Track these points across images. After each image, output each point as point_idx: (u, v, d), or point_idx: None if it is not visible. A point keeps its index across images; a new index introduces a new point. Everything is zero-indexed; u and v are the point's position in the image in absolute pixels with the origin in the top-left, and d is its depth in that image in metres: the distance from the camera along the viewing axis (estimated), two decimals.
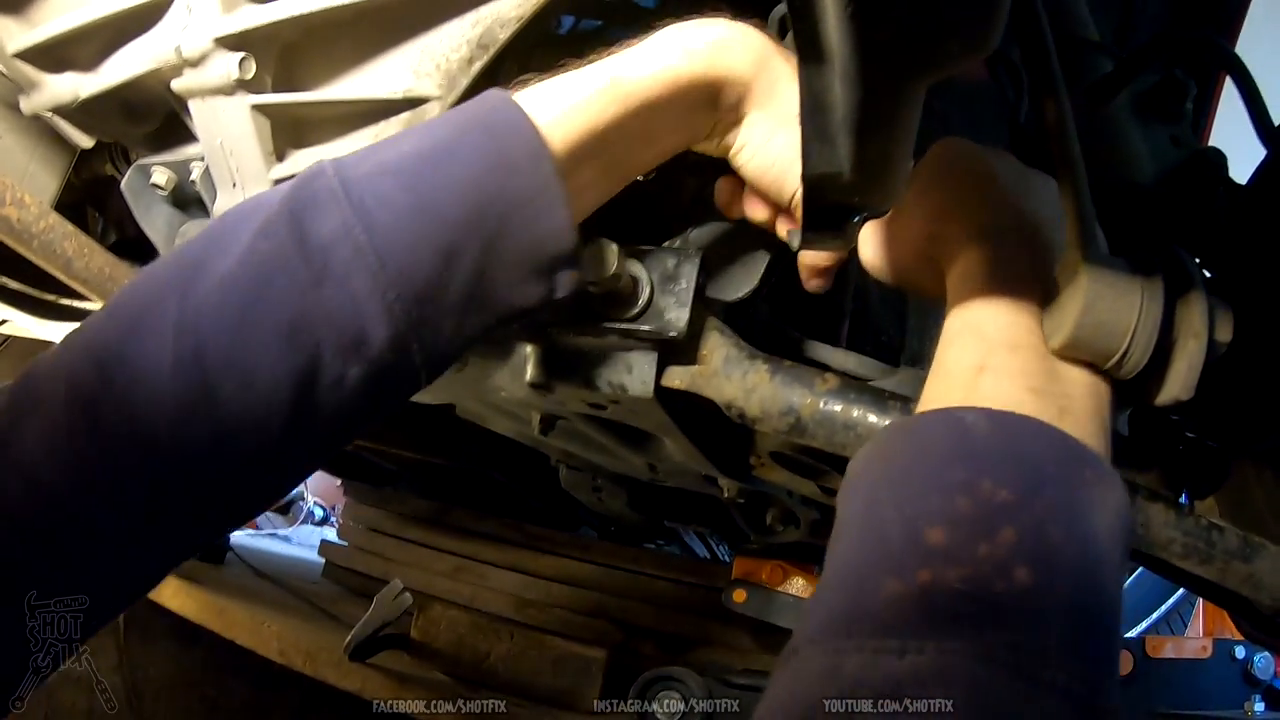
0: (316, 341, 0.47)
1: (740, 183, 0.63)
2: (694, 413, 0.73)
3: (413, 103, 0.66)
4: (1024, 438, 0.41)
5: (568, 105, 0.53)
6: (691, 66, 0.55)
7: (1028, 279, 0.48)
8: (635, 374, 0.66)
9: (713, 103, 0.57)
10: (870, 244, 0.58)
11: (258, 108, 0.66)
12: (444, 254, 0.49)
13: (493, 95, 0.53)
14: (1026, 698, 0.34)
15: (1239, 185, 0.78)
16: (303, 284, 0.47)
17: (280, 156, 0.68)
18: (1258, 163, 0.76)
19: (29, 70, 0.76)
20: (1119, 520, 0.40)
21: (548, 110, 0.52)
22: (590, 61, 0.55)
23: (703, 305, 0.66)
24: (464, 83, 0.64)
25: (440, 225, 0.49)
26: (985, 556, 0.36)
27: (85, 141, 0.84)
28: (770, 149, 0.58)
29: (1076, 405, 0.44)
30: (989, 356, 0.45)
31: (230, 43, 0.65)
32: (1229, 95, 0.92)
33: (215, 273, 0.47)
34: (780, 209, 0.62)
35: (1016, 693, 0.34)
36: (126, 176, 0.79)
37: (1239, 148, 0.80)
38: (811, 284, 0.66)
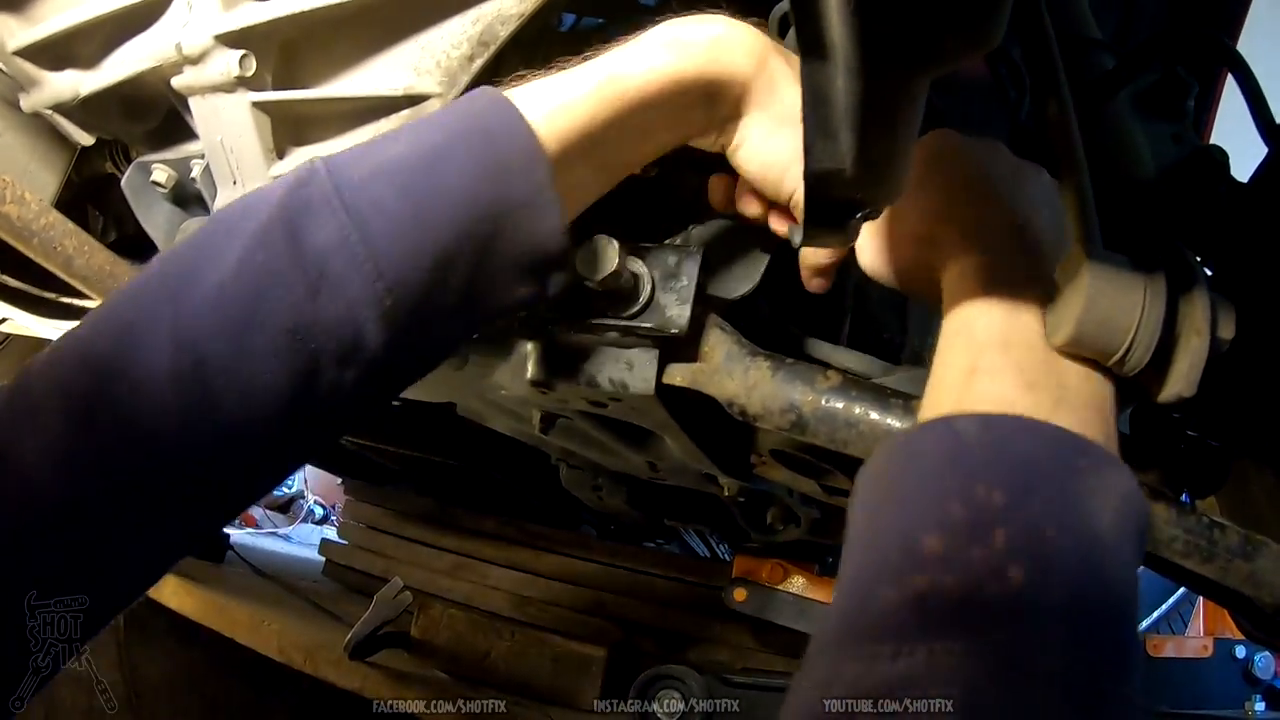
0: (314, 349, 0.47)
1: (734, 179, 0.63)
2: (695, 411, 0.73)
3: (413, 100, 0.66)
4: (1015, 437, 0.41)
5: (562, 103, 0.52)
6: (688, 64, 0.55)
7: (1020, 277, 0.48)
8: (636, 371, 0.66)
9: (709, 100, 0.57)
10: (868, 249, 0.58)
11: (258, 105, 0.66)
12: (440, 260, 0.49)
13: (487, 94, 0.53)
14: (1021, 690, 0.34)
15: (1241, 183, 0.78)
16: (300, 294, 0.47)
17: (281, 154, 0.68)
18: (1259, 160, 0.76)
19: (29, 68, 0.76)
20: (1124, 504, 0.40)
21: (542, 109, 0.52)
22: (587, 58, 0.55)
23: (704, 302, 0.66)
24: (464, 80, 0.64)
25: (436, 231, 0.48)
26: (979, 560, 0.36)
27: (85, 139, 0.84)
28: (769, 148, 0.58)
29: (1073, 395, 0.44)
30: (980, 357, 0.45)
31: (230, 40, 0.65)
32: (1231, 93, 0.92)
33: (210, 281, 0.47)
34: (776, 206, 0.62)
35: (1011, 686, 0.34)
36: (127, 174, 0.79)
37: (1241, 145, 0.80)
38: (813, 284, 0.66)
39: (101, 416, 0.45)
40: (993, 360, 0.45)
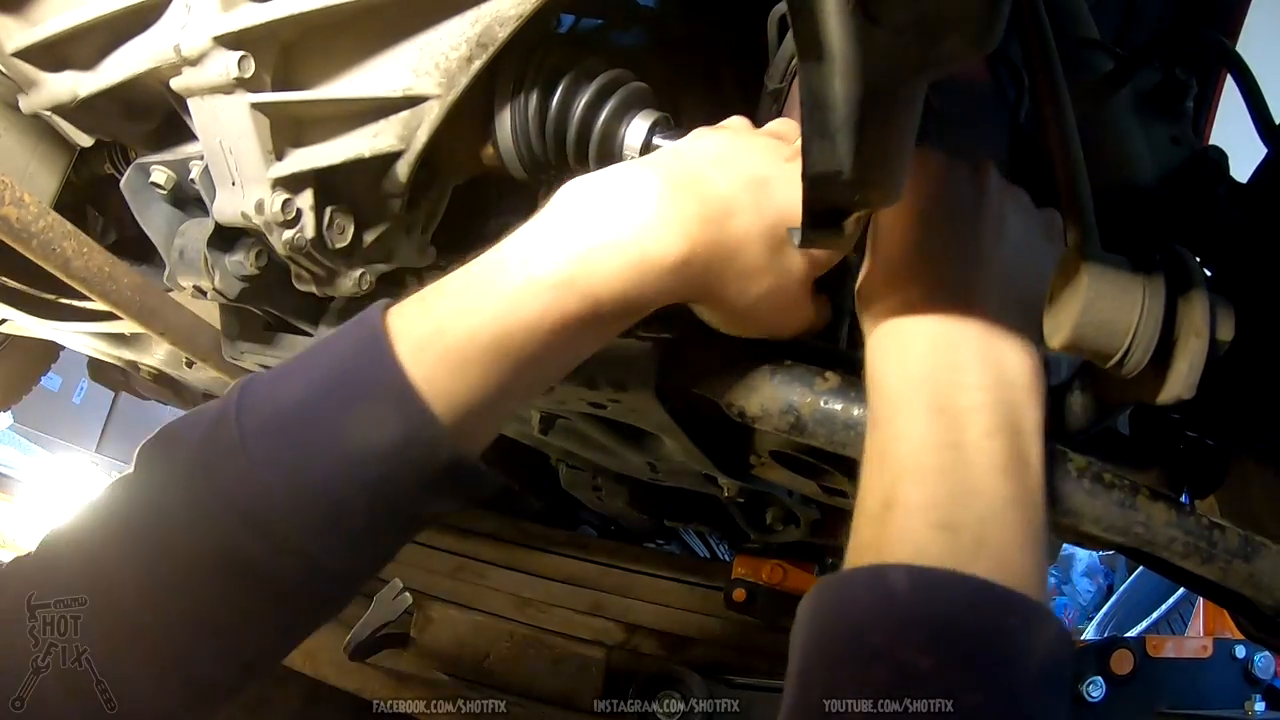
0: (243, 587, 0.48)
1: None
2: (694, 412, 0.73)
3: (412, 101, 0.66)
4: (944, 598, 0.40)
5: (450, 372, 0.48)
6: (601, 311, 0.48)
7: (946, 359, 0.46)
8: (635, 372, 0.66)
9: (636, 312, 0.51)
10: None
11: (257, 106, 0.66)
12: (334, 504, 0.48)
13: (370, 327, 0.49)
14: None
15: (1240, 183, 0.78)
16: (221, 532, 0.47)
17: (280, 155, 0.68)
18: (1259, 161, 0.76)
19: (28, 69, 0.76)
20: (1052, 657, 0.40)
21: (424, 360, 0.48)
22: (485, 259, 0.50)
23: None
24: (464, 81, 0.64)
25: (324, 480, 0.48)
26: None
27: (84, 140, 0.84)
28: (733, 326, 0.56)
29: (996, 535, 0.42)
30: (896, 488, 0.43)
31: (229, 41, 0.65)
32: (1230, 93, 0.92)
33: (155, 512, 0.49)
34: None
35: None
36: (126, 175, 0.79)
37: (1240, 146, 0.80)
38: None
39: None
40: (908, 494, 0.43)
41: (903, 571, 0.40)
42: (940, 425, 0.44)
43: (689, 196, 0.50)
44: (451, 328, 0.48)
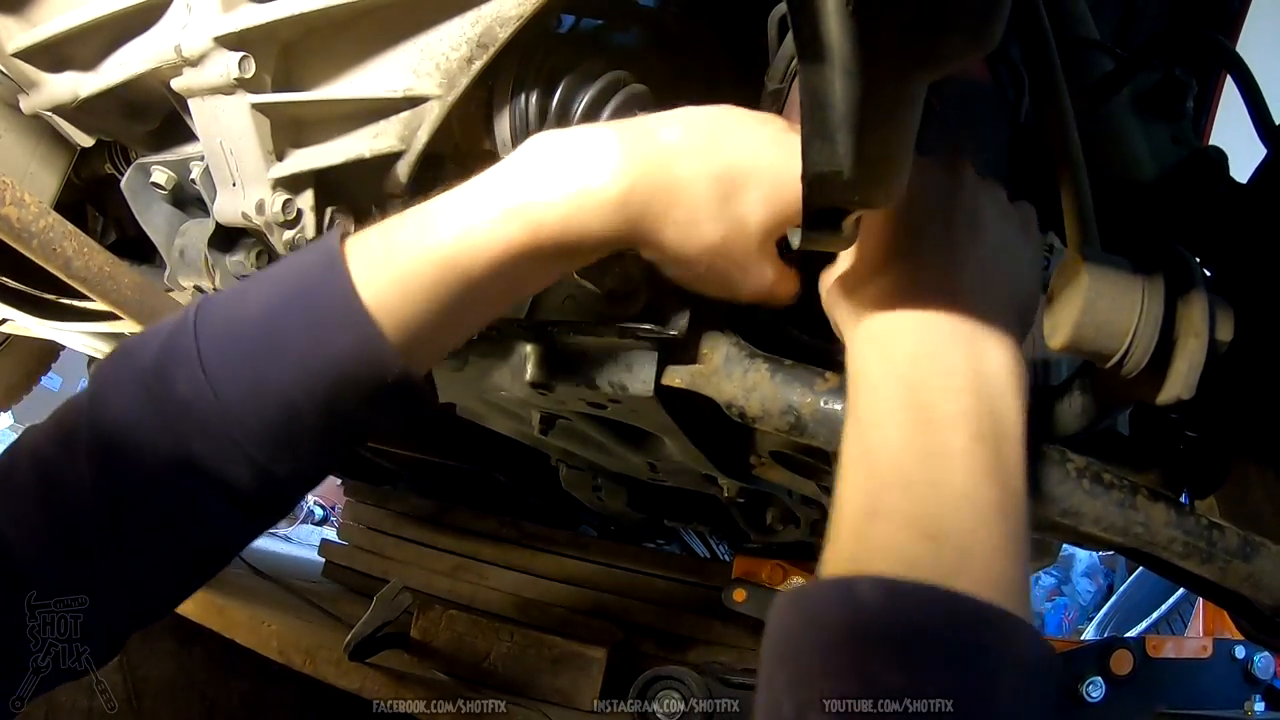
0: (193, 487, 0.52)
1: None
2: (694, 412, 0.73)
3: (413, 101, 0.66)
4: (916, 612, 0.39)
5: (397, 287, 0.51)
6: (539, 234, 0.50)
7: (935, 364, 0.46)
8: (635, 373, 0.66)
9: (582, 254, 0.54)
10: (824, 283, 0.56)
11: (257, 107, 0.66)
12: (285, 412, 0.52)
13: (326, 249, 0.53)
14: None
15: (1240, 183, 0.78)
16: (173, 434, 0.51)
17: (280, 156, 0.68)
18: (1258, 161, 0.76)
19: (29, 69, 0.76)
20: (1030, 673, 0.39)
21: (375, 280, 0.51)
22: (439, 203, 0.53)
23: (703, 305, 0.66)
24: (464, 82, 0.64)
25: (276, 390, 0.51)
26: None
27: (85, 140, 0.84)
28: (689, 271, 0.55)
29: (979, 547, 0.41)
30: (880, 498, 0.43)
31: (230, 42, 0.65)
32: (1230, 93, 0.92)
33: (114, 407, 0.52)
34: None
35: None
36: (126, 176, 0.79)
37: (1240, 146, 0.80)
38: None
39: (53, 505, 0.51)
40: (893, 504, 0.42)
41: (873, 584, 0.39)
42: (925, 433, 0.44)
43: (636, 142, 0.52)
44: (404, 249, 0.51)
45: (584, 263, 0.56)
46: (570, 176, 0.51)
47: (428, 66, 0.64)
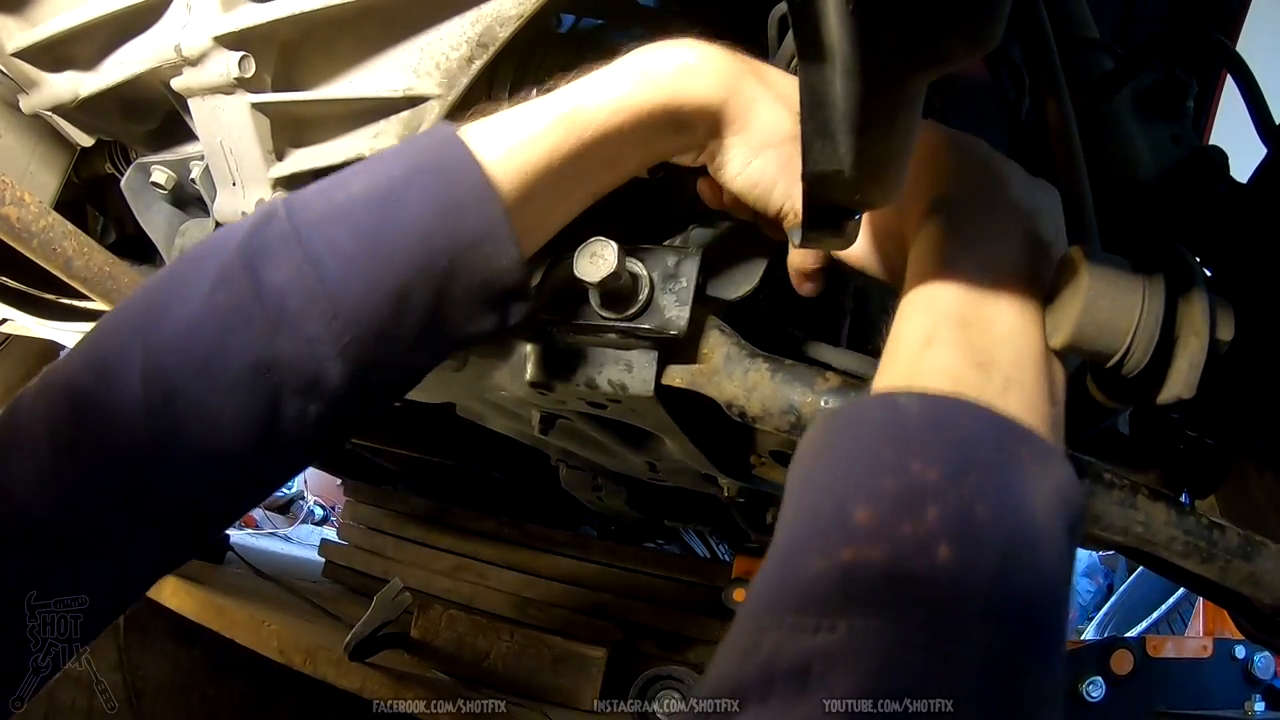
0: (277, 384, 0.49)
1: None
2: (694, 412, 0.73)
3: (412, 101, 0.66)
4: (957, 418, 0.40)
5: (520, 140, 0.53)
6: (653, 94, 0.54)
7: (994, 261, 0.47)
8: (635, 372, 0.66)
9: (678, 129, 0.57)
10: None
11: (257, 106, 0.66)
12: (395, 296, 0.50)
13: (442, 132, 0.54)
14: (938, 672, 0.33)
15: (1240, 183, 0.78)
16: (261, 331, 0.49)
17: (280, 155, 0.68)
18: (1259, 161, 0.76)
19: (29, 69, 0.76)
20: (1059, 496, 0.40)
21: (499, 147, 0.52)
22: (550, 90, 0.55)
23: (703, 304, 0.66)
24: (464, 81, 0.64)
25: (390, 270, 0.50)
26: (908, 535, 0.36)
27: (85, 140, 0.84)
28: (750, 171, 0.58)
29: (1025, 380, 0.43)
30: (938, 329, 0.45)
31: (229, 41, 0.65)
32: (1230, 93, 0.92)
33: (177, 317, 0.49)
34: (764, 216, 0.61)
35: (929, 667, 0.33)
36: (126, 175, 0.79)
37: (1240, 146, 0.80)
38: (804, 288, 0.65)
39: (82, 445, 0.48)
40: (949, 334, 0.44)
41: (915, 396, 0.41)
42: (981, 285, 0.46)
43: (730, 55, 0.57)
44: (520, 119, 0.53)
45: (683, 144, 0.58)
46: (676, 55, 0.55)
47: (428, 66, 0.64)
